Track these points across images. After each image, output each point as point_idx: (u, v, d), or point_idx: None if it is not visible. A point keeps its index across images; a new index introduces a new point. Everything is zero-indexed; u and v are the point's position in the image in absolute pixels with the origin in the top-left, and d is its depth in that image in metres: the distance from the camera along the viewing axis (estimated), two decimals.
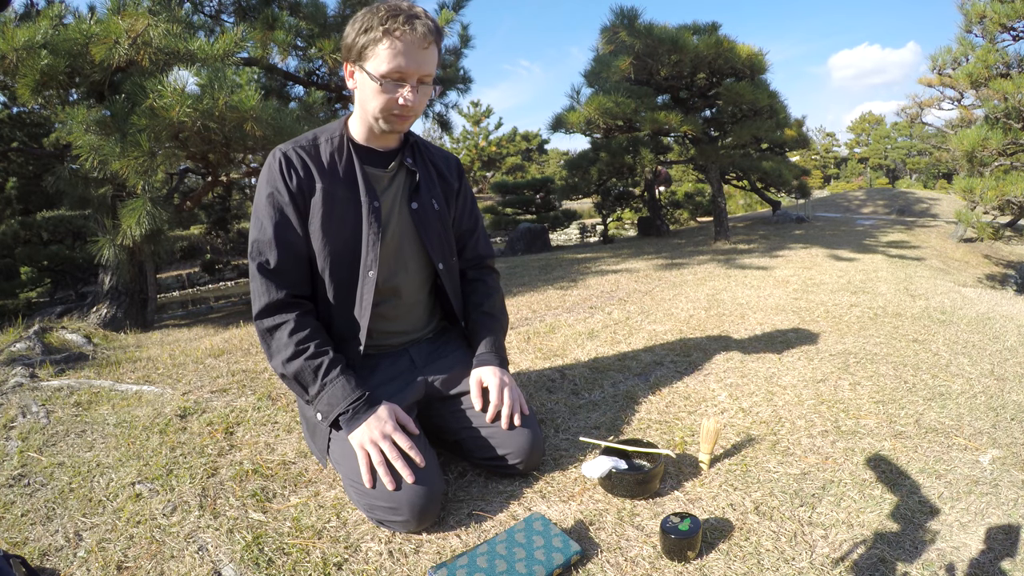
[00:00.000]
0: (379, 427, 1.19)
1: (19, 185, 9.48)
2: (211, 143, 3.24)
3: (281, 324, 1.25)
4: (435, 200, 1.43)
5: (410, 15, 1.18)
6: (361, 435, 1.19)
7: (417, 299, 1.47)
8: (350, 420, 1.21)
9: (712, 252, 5.65)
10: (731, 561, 1.07)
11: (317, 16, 4.81)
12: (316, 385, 1.23)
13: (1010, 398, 1.76)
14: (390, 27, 1.17)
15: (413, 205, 1.39)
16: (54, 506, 1.33)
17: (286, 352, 1.23)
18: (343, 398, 1.22)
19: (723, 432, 1.56)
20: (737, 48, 5.90)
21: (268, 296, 1.26)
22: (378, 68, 1.20)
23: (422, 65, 1.21)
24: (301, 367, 1.23)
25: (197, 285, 13.35)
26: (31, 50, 3.00)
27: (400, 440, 1.19)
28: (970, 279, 5.21)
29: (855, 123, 36.73)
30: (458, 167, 1.55)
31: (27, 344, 2.69)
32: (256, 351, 2.59)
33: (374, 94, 1.22)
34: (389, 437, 1.18)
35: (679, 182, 14.54)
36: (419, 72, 1.22)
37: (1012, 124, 5.59)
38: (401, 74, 1.20)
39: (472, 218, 1.57)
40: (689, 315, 2.87)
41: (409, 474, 1.14)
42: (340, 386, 1.23)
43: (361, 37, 1.20)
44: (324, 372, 1.23)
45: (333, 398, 1.22)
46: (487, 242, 1.61)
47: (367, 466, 1.16)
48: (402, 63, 1.19)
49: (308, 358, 1.23)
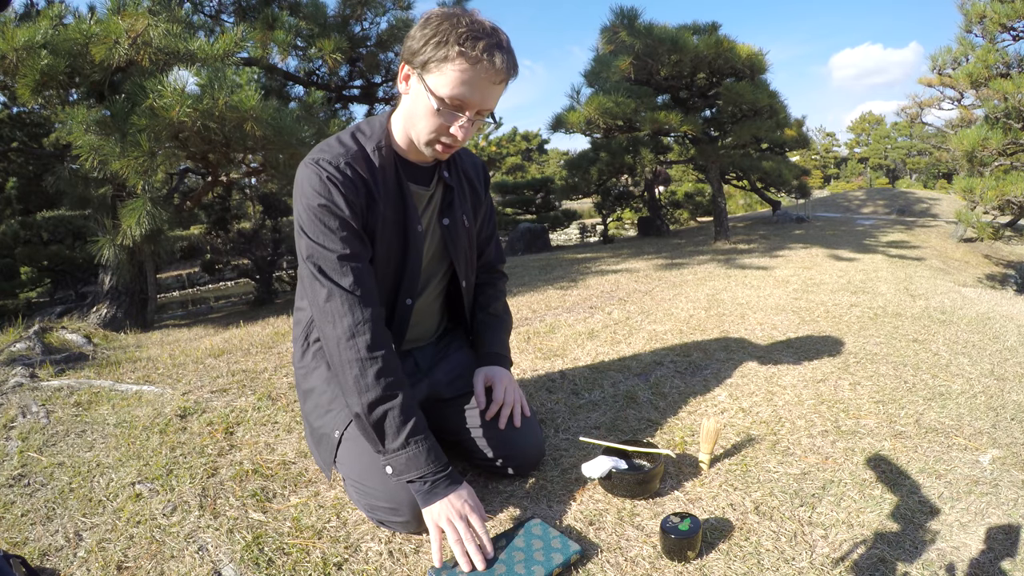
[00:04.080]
0: (458, 507, 1.11)
1: (19, 185, 9.48)
2: (211, 143, 3.24)
3: (367, 361, 1.11)
4: (466, 216, 1.38)
5: (493, 44, 1.06)
6: (439, 512, 1.10)
7: (433, 309, 1.46)
8: (428, 492, 1.12)
9: (712, 252, 5.65)
10: (731, 561, 1.07)
11: (317, 16, 4.81)
12: (398, 441, 1.12)
13: (1010, 398, 1.76)
14: (468, 51, 1.04)
15: (445, 221, 1.33)
16: (54, 506, 1.33)
17: (370, 395, 1.11)
18: (426, 464, 1.12)
19: (723, 432, 1.56)
20: (737, 48, 5.90)
21: (351, 318, 1.12)
22: (440, 89, 1.08)
23: (487, 100, 1.11)
24: (385, 416, 1.12)
25: (197, 285, 13.36)
26: (31, 50, 3.00)
27: (475, 523, 1.11)
28: (970, 279, 5.21)
29: (855, 123, 36.73)
30: (486, 175, 1.49)
31: (27, 344, 2.69)
32: (256, 351, 2.59)
33: (427, 113, 1.11)
34: (466, 518, 1.11)
35: (679, 182, 14.53)
36: (482, 106, 1.11)
37: (1012, 124, 5.58)
38: (463, 104, 1.09)
39: (491, 226, 1.54)
40: (689, 315, 2.87)
41: (481, 560, 1.06)
42: (426, 451, 1.13)
43: (431, 48, 1.07)
44: (411, 431, 1.12)
45: (415, 462, 1.12)
46: (500, 249, 1.60)
47: (440, 544, 1.08)
48: (467, 93, 1.08)
49: (397, 410, 1.12)
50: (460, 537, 1.07)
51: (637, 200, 9.94)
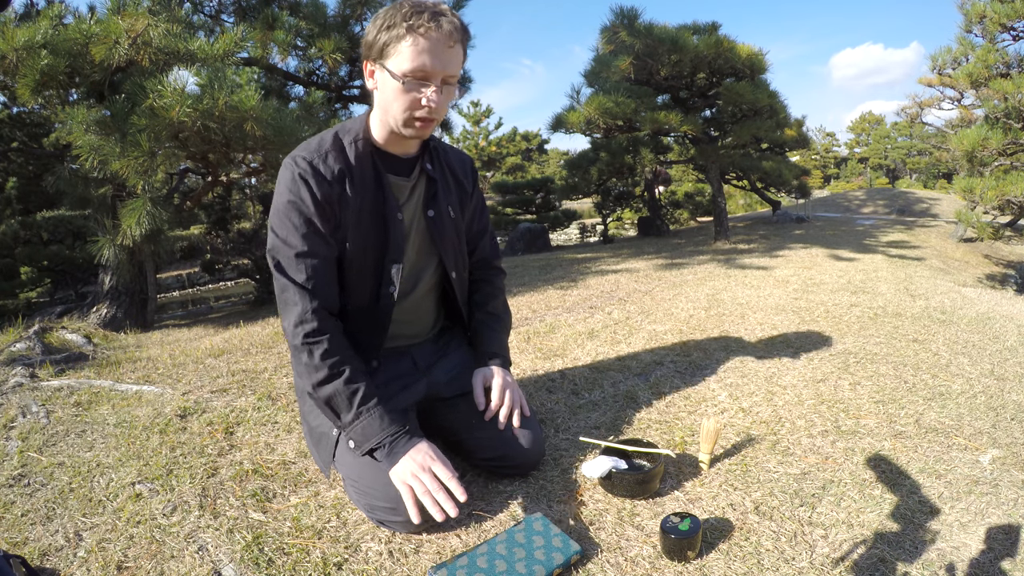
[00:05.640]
0: (420, 461, 1.15)
1: (19, 185, 9.47)
2: (211, 143, 3.24)
3: (313, 345, 1.18)
4: (451, 208, 1.40)
5: (435, 12, 1.14)
6: (402, 470, 1.15)
7: (425, 305, 1.47)
8: (389, 455, 1.17)
9: (712, 252, 5.65)
10: (731, 561, 1.07)
11: (317, 16, 4.81)
12: (350, 413, 1.19)
13: (1010, 398, 1.76)
14: (414, 23, 1.12)
15: (430, 213, 1.36)
16: (54, 506, 1.33)
17: (318, 375, 1.18)
18: (381, 430, 1.18)
19: (723, 432, 1.56)
20: (737, 48, 5.90)
21: (299, 310, 1.19)
22: (401, 66, 1.15)
23: (447, 64, 1.16)
24: (334, 392, 1.18)
25: (197, 285, 13.34)
26: (31, 50, 3.00)
27: (440, 471, 1.15)
28: (970, 279, 5.21)
29: (855, 123, 36.72)
30: (473, 170, 1.52)
31: (27, 344, 2.69)
32: (256, 351, 2.59)
33: (396, 94, 1.17)
34: (429, 469, 1.15)
35: (679, 182, 14.53)
36: (444, 71, 1.16)
37: (1012, 124, 5.58)
38: (425, 73, 1.15)
39: (482, 222, 1.55)
40: (689, 315, 2.87)
41: (453, 506, 1.10)
42: (377, 418, 1.19)
43: (383, 34, 1.15)
44: (360, 401, 1.18)
45: (369, 429, 1.18)
46: (495, 244, 1.60)
47: (412, 500, 1.12)
48: (426, 61, 1.14)
49: (343, 383, 1.18)
50: (427, 489, 1.12)
51: (637, 200, 9.93)
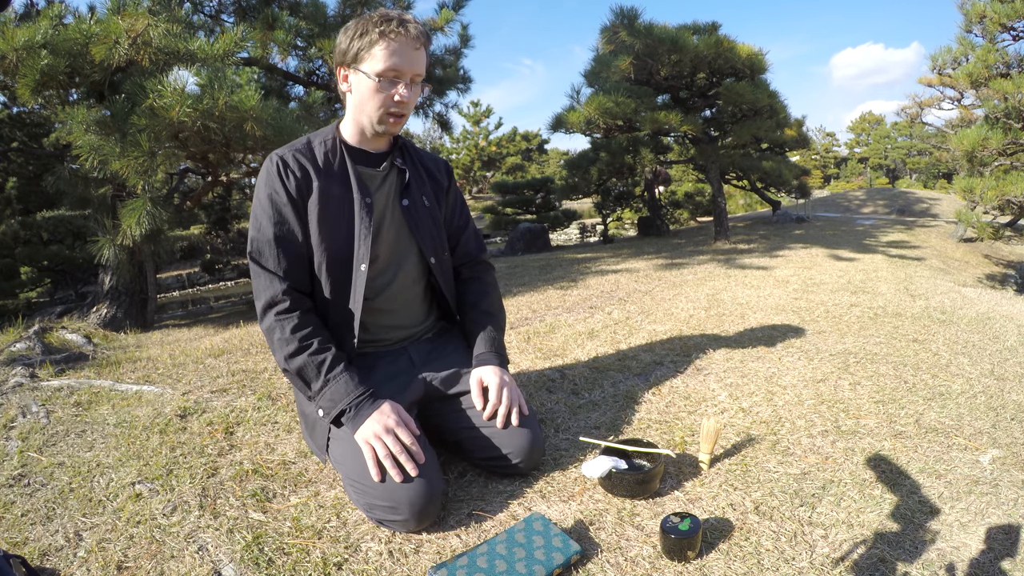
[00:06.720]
0: (382, 422, 1.21)
1: (19, 185, 9.48)
2: (211, 143, 3.24)
3: (284, 321, 1.28)
4: (425, 197, 1.49)
5: (402, 19, 1.28)
6: (366, 430, 1.21)
7: (412, 294, 1.51)
8: (354, 417, 1.23)
9: (712, 252, 5.65)
10: (731, 561, 1.07)
11: (317, 16, 4.80)
12: (319, 381, 1.26)
13: (1010, 398, 1.76)
14: (385, 30, 1.26)
15: (404, 202, 1.44)
16: (54, 506, 1.33)
17: (289, 348, 1.26)
18: (346, 394, 1.24)
19: (723, 432, 1.56)
20: (737, 48, 5.90)
21: (270, 292, 1.30)
22: (375, 67, 1.28)
23: (415, 64, 1.31)
24: (304, 363, 1.26)
25: (197, 285, 13.34)
26: (31, 50, 3.00)
27: (403, 435, 1.21)
28: (970, 279, 5.21)
29: (855, 123, 36.73)
30: (447, 168, 1.62)
31: (27, 344, 2.69)
32: (256, 351, 2.59)
33: (371, 93, 1.30)
34: (392, 431, 1.20)
35: (679, 182, 14.52)
36: (412, 70, 1.31)
37: (1012, 124, 5.58)
38: (396, 72, 1.29)
39: (462, 216, 1.63)
40: (689, 315, 2.87)
41: (413, 467, 1.16)
42: (343, 382, 1.25)
43: (356, 41, 1.29)
44: (327, 368, 1.26)
45: (336, 394, 1.25)
46: (479, 239, 1.66)
47: (374, 461, 1.18)
48: (398, 62, 1.28)
49: (311, 354, 1.26)
50: (389, 451, 1.17)
51: (637, 200, 9.93)
